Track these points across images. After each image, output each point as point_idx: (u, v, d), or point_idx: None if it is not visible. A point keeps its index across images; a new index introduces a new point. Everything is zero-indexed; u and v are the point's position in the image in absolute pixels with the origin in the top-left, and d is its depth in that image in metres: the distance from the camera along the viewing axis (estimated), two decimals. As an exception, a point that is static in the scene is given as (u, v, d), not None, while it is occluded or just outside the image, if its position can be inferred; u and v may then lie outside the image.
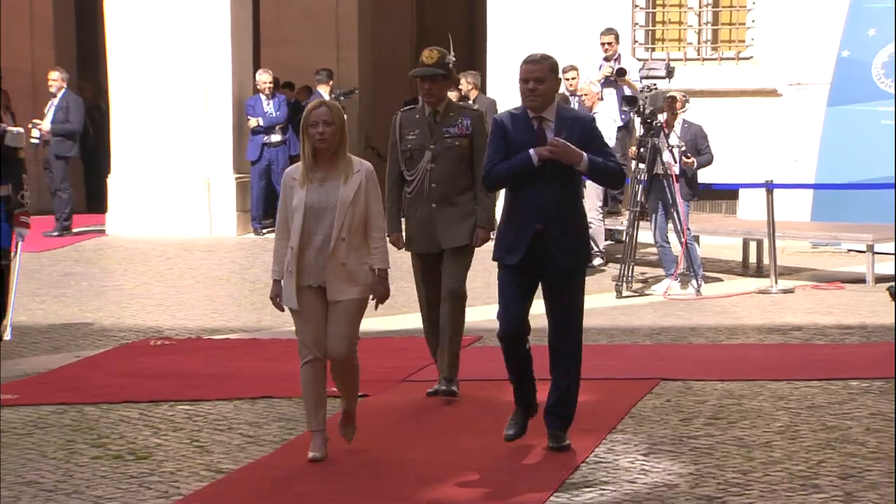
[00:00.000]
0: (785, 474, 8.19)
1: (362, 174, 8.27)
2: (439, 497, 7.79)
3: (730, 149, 16.80)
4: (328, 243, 8.17)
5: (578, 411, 9.87)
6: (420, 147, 9.80)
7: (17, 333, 13.05)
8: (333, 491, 8.06)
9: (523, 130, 8.45)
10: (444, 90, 10.03)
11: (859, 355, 11.99)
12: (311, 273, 8.25)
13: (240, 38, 20.47)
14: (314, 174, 8.23)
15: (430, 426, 9.66)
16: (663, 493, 7.82)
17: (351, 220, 8.20)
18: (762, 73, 19.28)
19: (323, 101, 8.55)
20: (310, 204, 8.17)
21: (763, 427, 9.35)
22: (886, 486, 7.89)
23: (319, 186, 8.22)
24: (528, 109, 8.45)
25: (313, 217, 8.19)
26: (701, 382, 10.66)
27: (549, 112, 8.44)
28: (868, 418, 9.53)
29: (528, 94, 8.36)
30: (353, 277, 8.30)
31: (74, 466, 8.54)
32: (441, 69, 9.79)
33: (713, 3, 20.04)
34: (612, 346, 12.56)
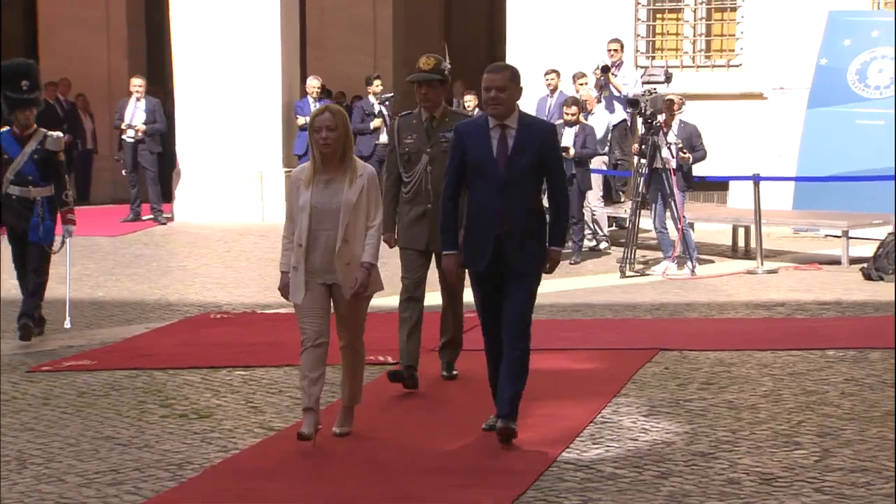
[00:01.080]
0: (769, 433, 8.19)
1: (365, 178, 7.85)
2: (453, 449, 7.89)
3: (721, 146, 16.72)
4: (332, 243, 7.79)
5: (586, 377, 9.93)
6: (417, 150, 9.26)
7: (95, 307, 13.12)
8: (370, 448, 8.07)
9: (481, 140, 7.81)
10: (439, 95, 9.43)
11: (835, 328, 11.92)
12: (317, 271, 7.85)
13: (288, 48, 20.45)
14: (320, 176, 7.83)
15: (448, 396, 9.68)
16: (662, 450, 7.81)
17: (355, 222, 7.80)
18: (749, 79, 19.21)
19: (327, 106, 7.95)
20: (315, 205, 7.77)
21: (750, 391, 9.33)
22: (859, 444, 7.89)
23: (324, 188, 7.81)
24: (491, 117, 7.84)
25: (318, 217, 7.78)
26: (695, 352, 10.62)
27: (512, 119, 7.81)
28: (843, 384, 9.52)
29: (491, 101, 7.78)
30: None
31: (145, 424, 8.58)
32: (437, 74, 9.31)
33: (706, 17, 19.99)
34: (615, 320, 12.54)
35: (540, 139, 7.83)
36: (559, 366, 10.24)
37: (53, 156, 10.86)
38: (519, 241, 7.75)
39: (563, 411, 8.76)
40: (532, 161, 7.75)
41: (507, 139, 7.75)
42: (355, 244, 7.83)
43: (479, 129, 7.91)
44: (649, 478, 7.26)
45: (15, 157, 10.70)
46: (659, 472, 7.35)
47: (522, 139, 7.76)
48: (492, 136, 7.78)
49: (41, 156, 10.73)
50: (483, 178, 7.80)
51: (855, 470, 7.36)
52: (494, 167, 7.73)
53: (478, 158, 7.78)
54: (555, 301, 13.27)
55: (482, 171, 7.79)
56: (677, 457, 7.67)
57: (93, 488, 7.18)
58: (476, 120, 8.24)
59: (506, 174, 7.71)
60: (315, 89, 21.20)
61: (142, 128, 20.24)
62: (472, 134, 7.92)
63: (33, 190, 10.76)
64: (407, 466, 7.58)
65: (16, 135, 10.79)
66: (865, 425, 8.32)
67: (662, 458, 7.65)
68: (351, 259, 7.81)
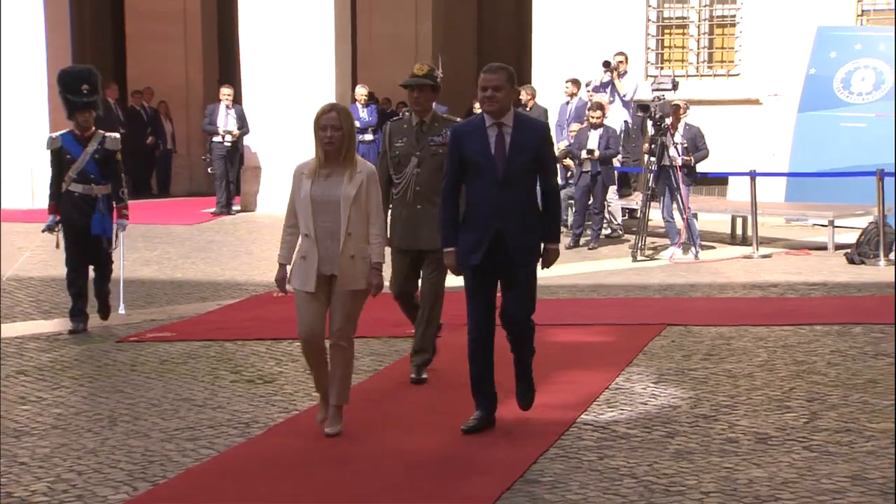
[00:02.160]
0: (764, 398, 8.16)
1: (364, 174, 7.22)
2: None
3: (721, 145, 16.68)
4: (331, 235, 7.16)
5: (601, 349, 9.90)
6: (407, 153, 8.57)
7: (174, 286, 13.19)
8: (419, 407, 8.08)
9: (479, 139, 7.14)
10: (430, 100, 8.67)
11: (822, 306, 11.87)
12: (323, 261, 7.19)
13: (341, 60, 20.43)
14: (322, 170, 7.22)
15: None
16: (668, 413, 7.80)
17: (356, 215, 7.17)
18: (747, 87, 19.14)
19: (334, 105, 7.35)
20: (314, 196, 7.15)
21: (747, 362, 9.28)
22: (843, 408, 7.85)
23: (324, 181, 7.19)
24: (487, 115, 7.14)
25: (318, 208, 7.15)
26: (698, 327, 10.58)
27: (507, 118, 7.13)
28: (829, 355, 9.47)
29: (486, 101, 7.08)
30: (363, 269, 7.23)
31: (217, 388, 8.62)
32: (429, 80, 8.57)
33: (708, 32, 19.92)
34: (628, 299, 12.50)
35: (536, 137, 7.24)
36: (578, 339, 10.24)
37: (112, 155, 10.58)
38: (517, 235, 7.13)
39: (581, 379, 8.74)
40: (529, 158, 7.15)
41: (505, 137, 7.12)
42: (358, 237, 7.22)
43: (476, 128, 7.27)
44: (658, 437, 7.24)
45: (77, 157, 10.41)
46: (666, 432, 7.34)
47: (519, 137, 7.14)
48: (489, 134, 7.15)
49: (101, 155, 10.45)
50: (481, 175, 7.14)
51: (839, 430, 7.34)
52: (492, 165, 7.10)
53: (476, 157, 7.14)
54: (574, 282, 13.26)
55: (480, 168, 7.13)
56: (682, 419, 7.65)
57: (173, 443, 7.23)
58: (472, 120, 7.56)
59: (504, 171, 7.09)
60: (363, 96, 21.32)
61: (236, 133, 20.36)
62: (469, 133, 7.29)
63: (95, 188, 10.46)
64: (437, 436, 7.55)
65: (77, 136, 10.50)
66: (849, 391, 8.29)
67: (669, 420, 7.64)
68: (355, 252, 7.19)
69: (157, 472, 6.69)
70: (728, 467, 6.64)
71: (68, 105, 10.54)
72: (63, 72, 10.88)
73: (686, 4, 19.84)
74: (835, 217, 15.55)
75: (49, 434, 7.47)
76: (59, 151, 10.44)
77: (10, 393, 8.51)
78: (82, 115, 10.47)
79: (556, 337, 10.25)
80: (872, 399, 8.07)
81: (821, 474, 6.50)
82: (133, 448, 7.14)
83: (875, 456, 6.82)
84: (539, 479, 6.49)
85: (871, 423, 7.50)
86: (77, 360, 9.56)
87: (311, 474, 6.71)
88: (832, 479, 6.42)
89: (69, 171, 10.37)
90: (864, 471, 6.56)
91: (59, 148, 10.45)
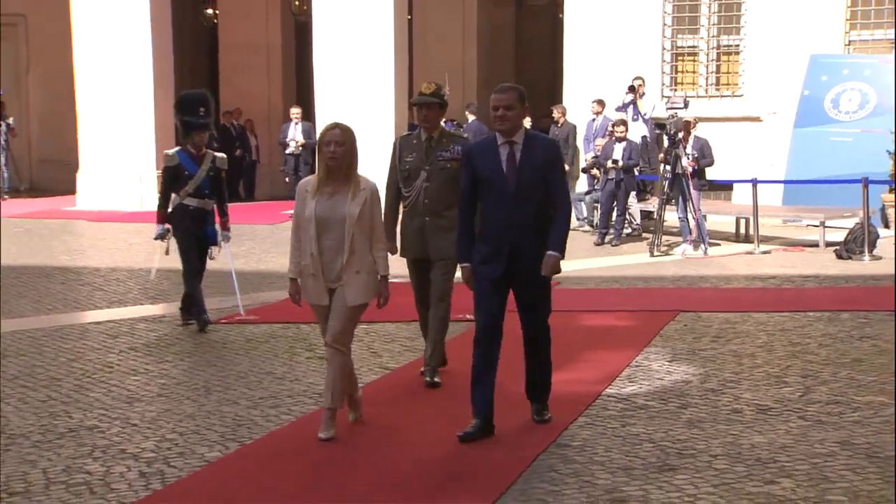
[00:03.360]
0: (764, 374, 8.10)
1: (367, 192, 6.47)
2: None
3: (727, 157, 16.58)
4: (336, 251, 6.44)
5: (623, 332, 9.86)
6: (416, 168, 7.85)
7: (258, 276, 13.22)
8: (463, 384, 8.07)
9: (491, 157, 6.54)
10: (438, 117, 7.97)
11: (814, 295, 11.77)
12: (328, 277, 6.50)
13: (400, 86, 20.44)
14: (325, 188, 6.46)
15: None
16: (682, 387, 7.76)
17: (360, 232, 6.44)
18: (749, 106, 18.99)
19: (337, 123, 6.60)
20: (319, 215, 6.41)
21: (749, 343, 9.22)
22: (833, 383, 7.79)
23: (328, 199, 6.43)
24: (499, 134, 6.57)
25: (323, 227, 6.42)
26: (707, 313, 10.51)
27: (518, 136, 6.54)
28: (820, 337, 9.38)
29: (498, 120, 6.49)
30: (367, 283, 6.54)
31: (294, 363, 8.66)
32: (436, 98, 7.84)
33: (716, 59, 19.77)
34: (646, 289, 12.43)
35: (544, 154, 6.60)
36: (603, 323, 10.21)
37: (220, 173, 10.17)
38: (531, 248, 6.49)
39: (605, 357, 8.71)
40: (538, 174, 6.51)
41: (515, 154, 6.52)
42: (363, 253, 6.49)
43: (488, 146, 6.65)
44: (672, 408, 7.21)
45: (194, 173, 9.97)
46: (680, 404, 7.31)
47: (528, 153, 6.53)
48: (500, 152, 6.54)
49: (214, 173, 10.04)
50: (493, 191, 6.51)
51: (830, 402, 7.30)
52: (503, 181, 6.48)
53: (488, 173, 6.52)
54: (599, 274, 13.22)
55: (492, 185, 6.51)
56: (693, 392, 7.62)
57: (258, 410, 7.26)
58: (485, 139, 6.94)
59: (515, 186, 6.46)
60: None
61: (301, 141, 20.51)
62: (482, 152, 6.67)
63: (208, 202, 10.07)
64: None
65: (191, 154, 10.04)
66: (838, 369, 8.23)
67: (682, 393, 7.61)
68: (360, 267, 6.49)
69: (244, 434, 6.73)
70: (733, 434, 6.61)
71: (186, 126, 10.11)
72: (182, 96, 10.61)
73: (696, 35, 19.69)
74: (825, 218, 15.44)
75: (155, 400, 7.56)
76: (177, 168, 9.99)
77: (123, 365, 8.60)
78: (198, 135, 10.03)
79: (584, 321, 10.24)
80: (858, 375, 8.02)
81: (814, 440, 6.47)
82: (225, 413, 7.19)
83: (861, 424, 6.78)
84: (570, 443, 6.49)
85: (857, 396, 7.46)
86: (178, 338, 9.63)
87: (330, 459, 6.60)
88: (824, 444, 6.39)
89: (186, 186, 9.95)
90: (851, 437, 6.52)
91: (176, 165, 10.00)
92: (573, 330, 9.68)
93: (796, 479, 5.80)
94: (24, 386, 7.95)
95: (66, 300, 11.73)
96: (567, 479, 5.84)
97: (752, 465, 6.02)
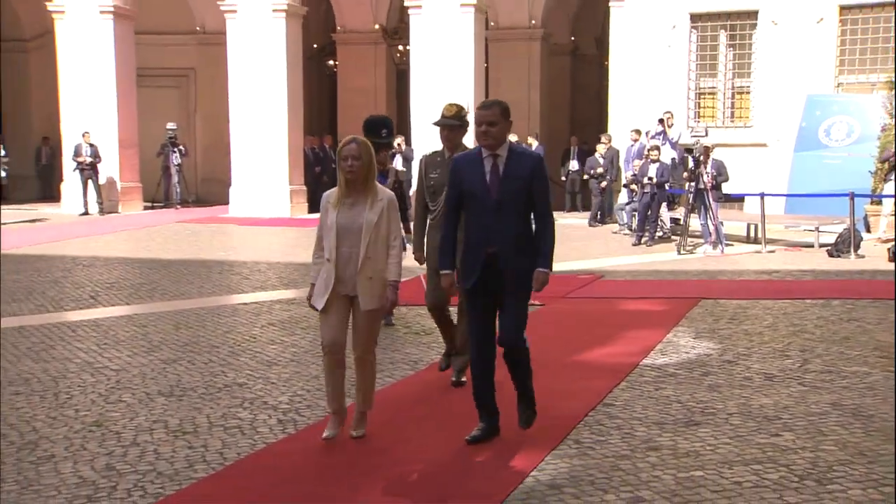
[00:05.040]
0: (769, 349, 7.95)
1: (384, 201, 5.55)
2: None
3: (740, 175, 16.41)
4: (355, 258, 5.47)
5: (656, 314, 9.70)
6: (441, 184, 6.73)
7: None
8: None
9: (476, 169, 5.43)
10: (458, 136, 6.95)
11: (811, 286, 11.52)
12: (343, 283, 5.49)
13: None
14: (346, 199, 5.54)
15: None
16: (704, 358, 7.64)
17: (375, 240, 5.48)
18: (758, 134, 18.73)
19: (354, 137, 5.69)
20: (340, 224, 5.48)
21: (758, 324, 9.05)
22: (826, 356, 7.63)
23: (349, 210, 5.51)
24: (484, 148, 5.46)
25: (343, 235, 5.47)
26: (724, 300, 10.34)
27: (503, 150, 5.44)
28: (816, 320, 9.19)
29: (482, 135, 5.41)
30: (380, 290, 5.55)
31: (396, 337, 8.69)
32: (457, 120, 6.86)
33: (731, 97, 19.52)
34: (674, 280, 12.24)
35: (528, 167, 5.43)
36: (639, 308, 10.08)
37: (402, 185, 9.53)
38: (510, 260, 5.35)
39: (642, 335, 8.59)
40: (521, 187, 5.37)
41: (499, 167, 5.41)
42: (377, 260, 5.51)
43: (474, 159, 5.51)
44: (696, 375, 7.10)
45: (384, 185, 9.32)
46: (702, 372, 7.19)
47: (512, 167, 5.41)
48: (485, 164, 5.44)
49: (398, 185, 9.22)
50: (477, 202, 5.41)
51: (823, 372, 7.14)
52: (486, 192, 5.38)
53: (472, 185, 5.43)
54: (636, 269, 13.08)
55: (475, 196, 5.42)
56: (713, 363, 7.49)
57: (368, 373, 7.29)
58: (471, 152, 5.72)
59: (497, 198, 5.36)
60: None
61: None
62: (468, 164, 5.53)
63: None
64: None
65: (378, 170, 9.37)
66: (830, 345, 8.06)
67: (704, 363, 7.49)
68: (373, 274, 5.51)
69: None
70: (745, 396, 6.50)
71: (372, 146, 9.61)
72: (367, 120, 9.72)
73: (715, 78, 19.45)
74: (819, 225, 15.15)
75: (288, 364, 7.61)
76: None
77: (264, 337, 8.68)
78: (382, 152, 9.28)
79: (624, 306, 10.14)
80: (846, 350, 7.86)
81: (810, 402, 6.34)
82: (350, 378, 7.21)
83: (848, 389, 6.64)
84: (613, 403, 6.42)
85: (845, 367, 7.30)
86: (305, 316, 9.66)
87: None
88: (818, 405, 6.27)
89: None
90: (840, 399, 6.39)
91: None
92: (616, 313, 9.60)
93: (796, 432, 5.69)
94: (191, 352, 8.09)
95: (221, 286, 11.90)
96: (611, 431, 5.78)
97: (761, 422, 5.91)
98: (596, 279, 11.87)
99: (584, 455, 5.35)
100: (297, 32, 21.36)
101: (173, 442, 5.65)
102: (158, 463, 5.29)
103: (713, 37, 19.25)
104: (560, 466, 5.16)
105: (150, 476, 5.08)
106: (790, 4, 18.22)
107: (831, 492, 4.73)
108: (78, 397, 6.65)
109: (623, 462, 5.21)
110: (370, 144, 5.64)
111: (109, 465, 5.25)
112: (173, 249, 15.56)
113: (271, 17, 20.73)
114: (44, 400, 6.58)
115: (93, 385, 6.97)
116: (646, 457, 5.29)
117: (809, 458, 5.24)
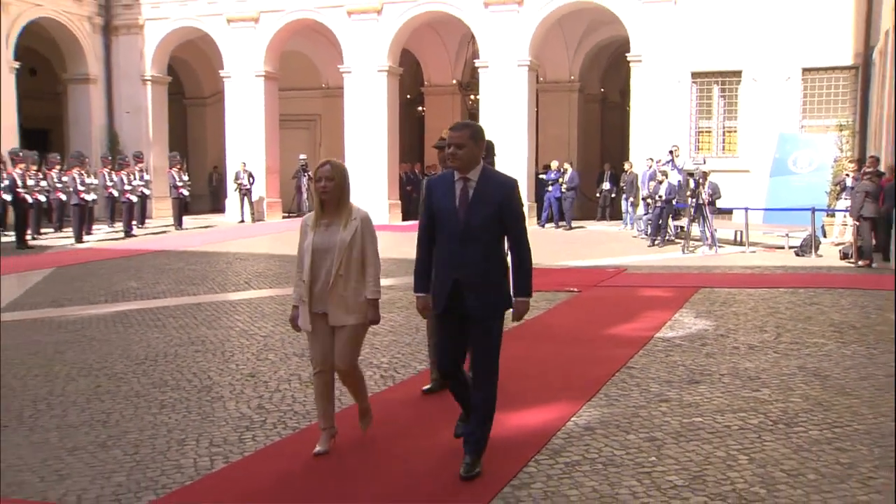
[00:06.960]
0: (752, 326, 7.78)
1: (359, 221, 4.33)
2: (517, 390, 5.41)
3: (729, 194, 16.11)
4: (330, 278, 4.25)
5: (664, 299, 9.50)
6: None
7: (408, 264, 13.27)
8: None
9: (445, 191, 4.03)
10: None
11: (783, 278, 11.16)
12: (319, 302, 4.28)
13: (531, 150, 20.28)
14: (322, 220, 4.33)
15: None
16: (703, 333, 7.51)
17: (348, 259, 4.25)
18: (742, 163, 18.29)
19: (329, 160, 4.42)
20: (316, 245, 4.27)
21: (743, 306, 8.85)
22: (794, 331, 7.45)
23: (325, 230, 4.30)
24: (454, 171, 4.05)
25: (320, 256, 4.26)
26: (718, 289, 10.13)
27: (474, 173, 4.00)
28: (786, 303, 8.95)
29: (450, 157, 3.99)
30: (351, 306, 4.27)
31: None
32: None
33: (722, 135, 19.05)
34: (678, 273, 11.99)
35: (500, 192, 3.99)
36: (651, 294, 9.91)
37: None
38: (477, 287, 3.95)
39: (652, 315, 8.44)
40: (491, 211, 3.96)
41: (468, 191, 3.99)
42: (348, 278, 4.26)
43: (446, 182, 4.08)
44: (696, 346, 6.98)
45: None
46: (701, 343, 7.08)
47: (482, 191, 3.99)
48: (456, 187, 4.03)
49: None
50: (446, 225, 4.02)
51: (792, 343, 6.96)
52: (455, 216, 3.99)
53: (441, 208, 4.04)
54: (650, 264, 12.86)
55: (444, 220, 4.03)
56: (710, 337, 7.36)
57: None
58: (444, 174, 4.19)
59: (465, 223, 3.96)
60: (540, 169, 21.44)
61: None
62: (439, 186, 4.09)
63: None
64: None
65: None
66: (797, 323, 7.86)
67: (703, 337, 7.36)
68: (344, 291, 4.26)
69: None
70: (734, 361, 6.39)
71: None
72: None
73: (710, 120, 19.10)
74: (788, 231, 14.87)
75: (387, 335, 7.55)
76: None
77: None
78: None
79: (641, 293, 9.98)
80: (809, 327, 7.67)
81: (782, 365, 6.21)
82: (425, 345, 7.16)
83: (811, 356, 6.47)
84: (633, 366, 6.35)
85: (808, 339, 7.13)
86: (399, 298, 9.55)
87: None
88: (788, 367, 6.15)
89: None
90: (805, 364, 6.26)
91: None
92: (635, 298, 9.45)
93: (771, 388, 5.59)
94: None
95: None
96: (632, 387, 5.73)
97: (745, 381, 5.80)
98: (620, 272, 11.70)
99: (612, 405, 5.30)
100: (395, 87, 21.54)
101: (304, 390, 5.74)
102: (295, 405, 5.40)
103: (708, 89, 18.92)
104: (593, 414, 5.13)
105: (289, 414, 5.20)
106: (766, 66, 18.07)
107: (797, 432, 4.69)
108: (238, 355, 6.82)
109: (641, 411, 5.16)
110: (344, 167, 4.44)
111: (260, 405, 5.39)
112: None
113: (376, 75, 20.96)
114: (214, 356, 6.78)
115: (248, 346, 7.13)
116: (658, 407, 5.23)
117: (781, 408, 5.15)
